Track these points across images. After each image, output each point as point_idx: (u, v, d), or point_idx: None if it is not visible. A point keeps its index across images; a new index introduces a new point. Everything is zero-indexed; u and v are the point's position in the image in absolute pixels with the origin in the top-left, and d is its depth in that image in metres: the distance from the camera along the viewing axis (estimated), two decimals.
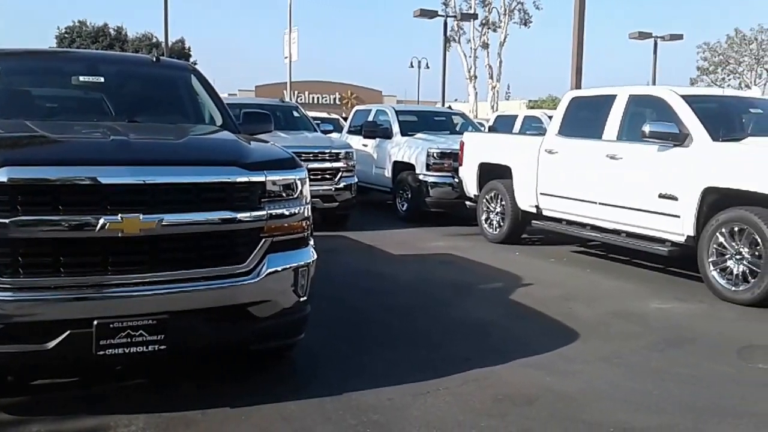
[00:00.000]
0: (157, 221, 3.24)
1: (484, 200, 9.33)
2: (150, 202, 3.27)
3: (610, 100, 7.67)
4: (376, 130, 12.08)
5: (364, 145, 12.31)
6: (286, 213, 3.68)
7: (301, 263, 3.74)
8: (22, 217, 3.07)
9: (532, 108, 39.27)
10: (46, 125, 3.99)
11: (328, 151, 10.14)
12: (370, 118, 12.73)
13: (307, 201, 3.83)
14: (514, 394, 3.88)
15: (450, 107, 14.98)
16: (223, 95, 5.73)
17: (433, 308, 5.77)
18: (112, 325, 3.20)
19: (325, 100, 53.44)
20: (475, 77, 37.37)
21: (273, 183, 3.63)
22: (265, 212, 3.57)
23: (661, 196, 6.73)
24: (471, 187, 9.64)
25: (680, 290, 6.59)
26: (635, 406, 3.78)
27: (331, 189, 9.95)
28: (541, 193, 8.31)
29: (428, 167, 10.62)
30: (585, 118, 8.08)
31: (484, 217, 9.37)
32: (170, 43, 28.51)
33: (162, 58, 5.69)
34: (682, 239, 6.63)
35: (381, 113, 12.71)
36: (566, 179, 7.96)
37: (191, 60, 41.17)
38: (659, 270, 7.49)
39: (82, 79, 4.97)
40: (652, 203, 6.83)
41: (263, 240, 3.57)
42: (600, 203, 7.47)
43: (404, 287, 6.52)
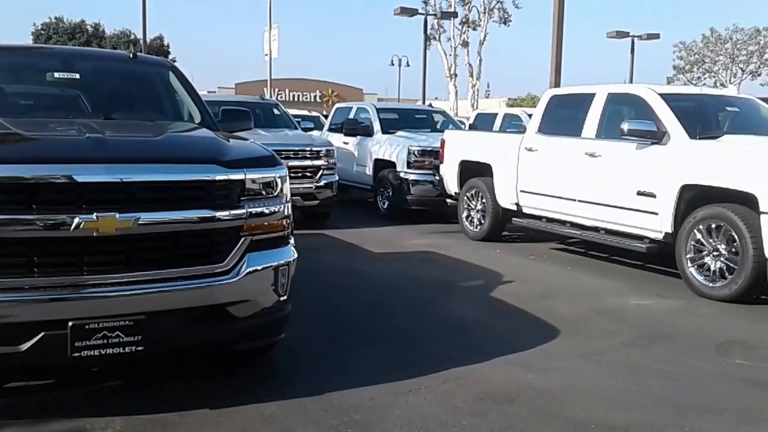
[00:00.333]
0: (133, 220, 3.19)
1: (465, 198, 9.33)
2: (126, 200, 3.21)
3: (589, 98, 7.70)
4: (357, 128, 12.06)
5: (344, 143, 12.28)
6: (266, 211, 3.64)
7: (282, 262, 3.70)
8: None
9: (512, 106, 39.38)
10: (20, 122, 3.92)
11: (308, 148, 10.10)
12: (351, 116, 12.69)
13: (288, 199, 3.79)
14: (496, 392, 3.87)
15: (431, 105, 14.97)
16: (203, 92, 5.67)
17: (414, 306, 5.76)
18: (87, 327, 3.14)
19: (306, 98, 53.27)
20: (456, 75, 37.43)
21: (252, 181, 3.59)
22: (244, 211, 3.53)
23: (639, 193, 6.78)
24: (452, 185, 9.64)
25: (659, 287, 6.64)
26: (616, 402, 3.79)
27: (312, 187, 9.91)
28: (522, 191, 8.34)
29: (409, 165, 10.61)
30: (564, 116, 8.11)
31: (465, 214, 9.38)
32: (149, 40, 28.24)
33: (139, 54, 5.61)
34: (660, 236, 6.68)
35: (362, 111, 12.68)
36: (546, 177, 7.98)
37: (170, 57, 40.85)
38: (638, 267, 7.54)
39: (57, 75, 4.87)
40: (630, 200, 6.87)
41: (243, 239, 3.53)
42: (579, 200, 7.51)
43: (385, 285, 6.50)
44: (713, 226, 6.13)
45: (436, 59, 37.45)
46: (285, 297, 3.76)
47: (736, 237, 5.88)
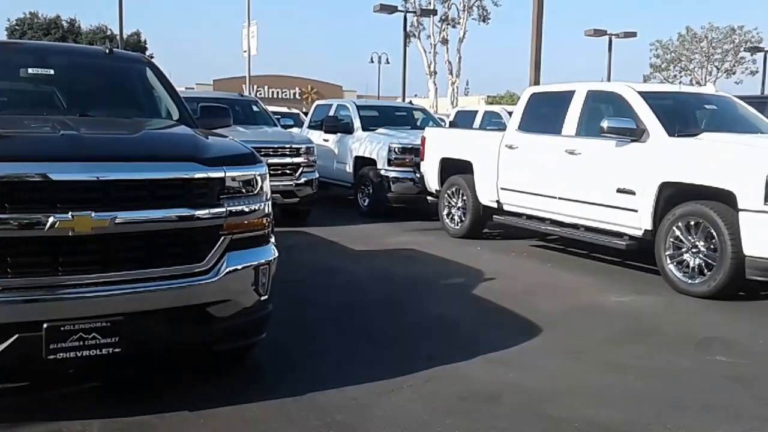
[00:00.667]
0: (110, 219, 3.12)
1: (446, 195, 9.32)
2: (103, 199, 3.14)
3: (568, 95, 7.72)
4: (337, 125, 12.00)
5: (325, 140, 12.21)
6: (246, 210, 3.58)
7: (262, 261, 3.65)
8: None
9: (491, 104, 39.55)
10: None
11: (288, 146, 10.02)
12: (331, 113, 12.64)
13: (268, 197, 3.74)
14: (479, 391, 3.86)
15: (411, 102, 14.95)
16: (180, 89, 5.58)
17: (395, 305, 5.73)
18: (63, 328, 3.07)
19: (285, 95, 53.07)
20: (435, 73, 37.50)
21: (232, 179, 3.53)
22: (224, 209, 3.47)
23: (619, 190, 6.80)
24: (432, 182, 9.63)
25: (638, 283, 6.68)
26: (599, 400, 3.79)
27: (292, 184, 9.84)
28: (502, 188, 8.34)
29: (390, 162, 10.58)
30: (544, 114, 8.12)
31: (445, 212, 9.37)
32: (125, 36, 27.92)
33: (115, 50, 5.52)
34: (639, 233, 6.71)
35: (342, 108, 12.62)
36: (526, 174, 8.00)
37: (147, 53, 40.41)
38: (617, 263, 7.58)
39: (31, 71, 4.78)
40: (610, 198, 6.90)
41: (222, 238, 3.47)
42: (559, 198, 7.52)
43: (366, 284, 6.46)
44: (692, 223, 6.17)
45: (416, 56, 37.51)
46: (266, 296, 3.71)
47: (714, 234, 5.92)
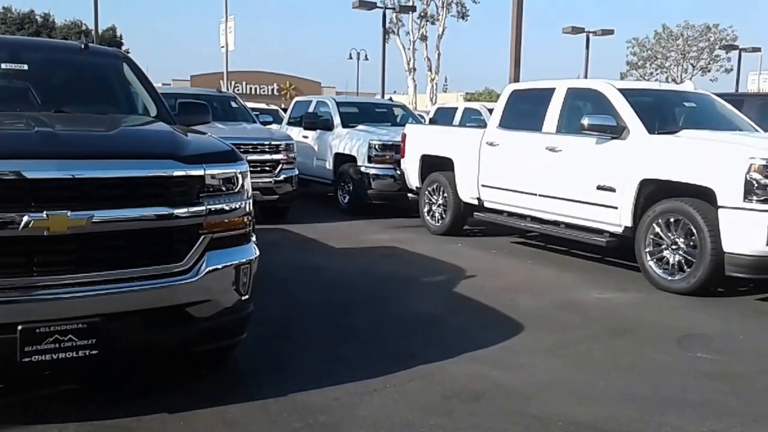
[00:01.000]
0: (86, 218, 3.04)
1: (427, 192, 9.30)
2: (79, 198, 3.06)
3: (549, 93, 7.73)
4: (317, 122, 11.93)
5: (304, 137, 12.14)
6: (227, 208, 3.52)
7: (243, 260, 3.58)
8: None
9: (469, 100, 39.66)
10: None
11: (267, 142, 9.94)
12: (311, 110, 12.56)
13: (249, 195, 3.68)
14: (461, 390, 3.83)
15: (391, 99, 14.91)
16: (157, 85, 5.48)
17: (377, 303, 5.69)
18: (38, 330, 2.99)
19: (263, 91, 52.74)
20: (414, 69, 37.50)
21: (212, 177, 3.46)
22: (203, 208, 3.40)
23: (599, 187, 6.82)
24: (413, 179, 9.60)
25: (618, 280, 6.71)
26: (581, 398, 3.79)
27: (271, 181, 9.76)
28: (483, 185, 8.34)
29: (370, 159, 10.54)
30: (525, 111, 8.13)
31: (426, 209, 9.35)
32: (100, 31, 27.55)
33: (91, 45, 5.40)
34: (619, 230, 6.74)
35: (322, 104, 12.55)
36: (507, 171, 8.00)
37: (123, 48, 39.91)
38: (597, 260, 7.61)
39: (4, 66, 4.66)
40: (590, 195, 6.92)
41: (202, 237, 3.41)
42: (540, 195, 7.53)
43: (347, 281, 6.42)
44: (672, 220, 6.20)
45: (395, 53, 37.45)
46: (247, 296, 3.65)
47: (694, 231, 5.96)
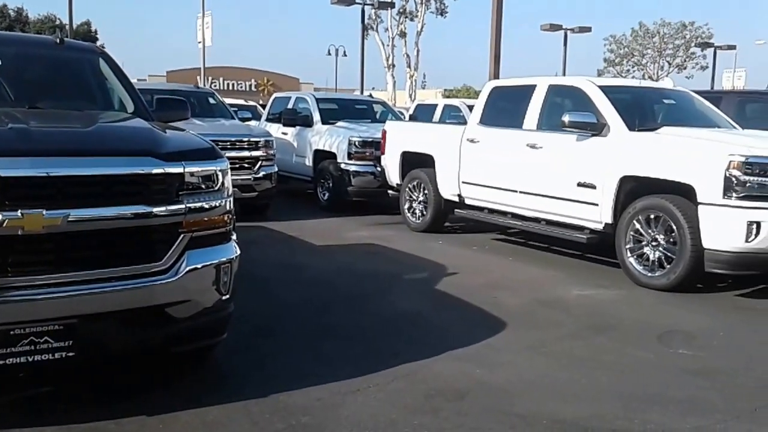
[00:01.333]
0: (62, 217, 2.97)
1: (407, 189, 9.27)
2: (54, 196, 2.99)
3: (530, 90, 7.73)
4: (296, 118, 11.84)
5: (283, 134, 12.05)
6: (207, 206, 3.45)
7: (224, 260, 3.53)
8: None
9: (448, 97, 39.72)
10: None
11: (246, 139, 9.85)
12: (290, 106, 12.46)
13: (229, 193, 3.62)
14: (446, 389, 3.81)
15: (371, 95, 14.85)
16: (132, 80, 5.37)
17: (358, 301, 5.65)
18: (12, 332, 2.92)
19: (241, 87, 52.38)
20: (393, 66, 37.40)
21: (192, 174, 3.40)
22: (183, 206, 3.33)
23: (579, 184, 6.84)
24: (393, 176, 9.57)
25: (599, 277, 6.73)
26: (565, 395, 3.78)
27: (250, 178, 9.68)
28: (464, 182, 8.32)
29: (350, 156, 10.48)
30: (506, 108, 8.13)
31: (406, 206, 9.32)
32: (75, 26, 27.15)
33: (66, 39, 5.28)
34: (600, 227, 6.76)
35: (301, 101, 12.46)
36: (488, 168, 7.99)
37: (98, 43, 39.40)
38: (576, 256, 7.63)
39: None
40: (571, 192, 6.93)
41: (182, 236, 3.34)
42: (521, 192, 7.54)
43: (328, 279, 6.36)
44: (652, 216, 6.23)
45: (374, 49, 37.36)
46: (227, 296, 3.59)
47: (674, 227, 5.99)
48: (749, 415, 3.57)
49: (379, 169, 10.13)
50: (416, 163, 9.12)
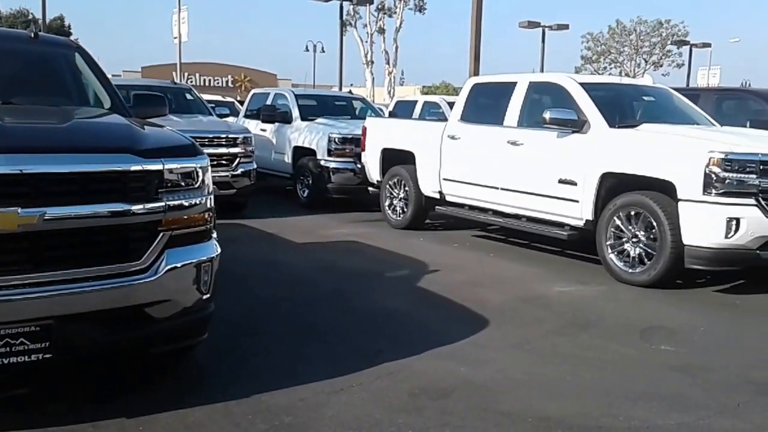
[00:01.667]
0: (38, 216, 2.88)
1: (388, 186, 9.23)
2: (30, 194, 2.90)
3: (510, 86, 7.73)
4: (275, 115, 11.73)
5: (262, 130, 11.94)
6: (186, 204, 3.39)
7: (204, 258, 3.46)
8: None
9: (426, 94, 39.73)
10: None
11: (224, 135, 9.73)
12: (269, 102, 12.35)
13: (210, 191, 3.55)
14: (430, 387, 3.78)
15: (351, 92, 14.79)
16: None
17: (340, 299, 5.60)
18: None
19: (218, 83, 52.04)
20: (372, 62, 37.37)
21: (171, 171, 3.33)
22: (162, 204, 3.26)
23: (560, 181, 6.85)
24: (374, 173, 9.52)
25: (580, 273, 6.75)
26: (550, 393, 3.77)
27: (229, 176, 9.58)
28: (445, 179, 8.30)
29: (330, 153, 10.41)
30: (487, 105, 8.13)
31: (387, 203, 9.28)
32: (48, 21, 26.73)
33: (41, 33, 5.16)
34: (581, 223, 6.78)
35: (280, 97, 12.36)
36: (469, 165, 7.98)
37: (72, 38, 38.88)
38: (557, 253, 7.65)
39: None
40: (552, 188, 6.94)
41: (161, 234, 3.27)
42: (502, 188, 7.53)
43: (309, 277, 6.31)
44: (632, 213, 6.25)
45: (352, 46, 37.31)
46: (208, 295, 3.53)
47: (654, 224, 6.01)
48: (732, 411, 3.59)
49: (359, 166, 10.07)
50: (397, 159, 9.08)
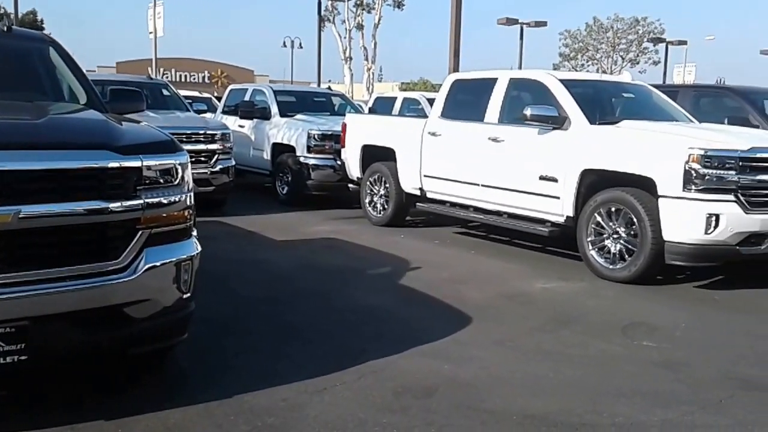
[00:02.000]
0: (13, 214, 2.80)
1: (368, 183, 9.18)
2: (4, 192, 2.81)
3: (491, 83, 7.72)
4: (254, 111, 11.63)
5: (240, 126, 11.84)
6: (166, 202, 3.31)
7: (184, 257, 3.39)
8: None
9: (405, 90, 39.72)
10: None
11: (202, 132, 9.64)
12: (247, 98, 12.24)
13: (190, 188, 3.48)
14: (414, 386, 3.75)
15: (330, 88, 14.70)
16: None
17: (322, 297, 5.55)
18: None
19: (194, 79, 51.66)
20: (351, 58, 37.23)
21: (149, 168, 3.25)
22: (141, 201, 3.19)
23: (541, 177, 6.85)
24: (354, 170, 9.47)
25: (561, 269, 6.76)
26: (534, 390, 3.76)
27: (207, 172, 9.49)
28: (425, 176, 8.28)
29: (309, 149, 10.34)
30: (467, 101, 8.11)
31: (367, 200, 9.23)
32: (20, 15, 26.29)
33: (14, 27, 5.03)
34: (561, 220, 6.79)
35: (258, 93, 12.25)
36: (449, 162, 7.96)
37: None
38: (538, 249, 7.66)
39: None
40: (533, 185, 6.94)
41: (140, 232, 3.19)
42: (483, 185, 7.53)
43: (290, 275, 6.25)
44: (613, 209, 6.27)
45: (331, 42, 37.18)
46: (188, 294, 3.46)
47: (635, 220, 6.04)
48: (715, 406, 3.60)
49: (339, 162, 10.02)
50: (377, 156, 9.04)
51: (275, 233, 8.26)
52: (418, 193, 8.48)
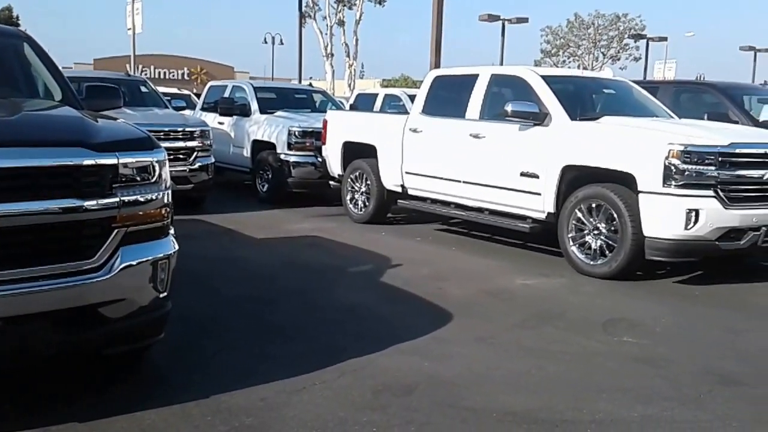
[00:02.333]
0: None
1: (349, 180, 9.14)
2: None
3: (472, 79, 7.71)
4: (233, 108, 11.53)
5: (220, 123, 11.73)
6: (142, 200, 3.26)
7: (161, 255, 3.33)
8: None
9: (386, 87, 39.65)
10: None
11: (181, 129, 9.53)
12: (226, 95, 12.12)
13: (167, 186, 3.42)
14: (394, 384, 3.72)
15: (311, 84, 14.64)
16: None
17: (301, 295, 5.51)
18: None
19: (173, 76, 51.27)
20: (332, 55, 37.09)
21: (126, 166, 3.19)
22: (116, 199, 3.13)
23: (522, 174, 6.86)
24: (335, 167, 9.42)
25: (542, 266, 6.77)
26: (515, 387, 3.75)
27: (186, 170, 9.37)
28: (407, 173, 8.26)
29: (290, 146, 10.26)
30: (448, 97, 8.10)
31: (349, 197, 9.19)
32: None
33: None
34: (542, 216, 6.80)
35: (238, 89, 12.15)
36: (431, 158, 7.94)
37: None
38: (520, 246, 7.67)
39: None
40: (514, 181, 6.95)
41: (115, 231, 3.14)
42: (464, 182, 7.52)
43: (270, 273, 6.19)
44: (594, 205, 6.29)
45: (312, 38, 37.03)
46: (165, 293, 3.41)
47: (615, 216, 6.06)
48: (695, 402, 3.62)
49: (320, 159, 9.96)
50: (358, 153, 9.00)
51: (255, 231, 8.19)
52: (399, 190, 8.46)
